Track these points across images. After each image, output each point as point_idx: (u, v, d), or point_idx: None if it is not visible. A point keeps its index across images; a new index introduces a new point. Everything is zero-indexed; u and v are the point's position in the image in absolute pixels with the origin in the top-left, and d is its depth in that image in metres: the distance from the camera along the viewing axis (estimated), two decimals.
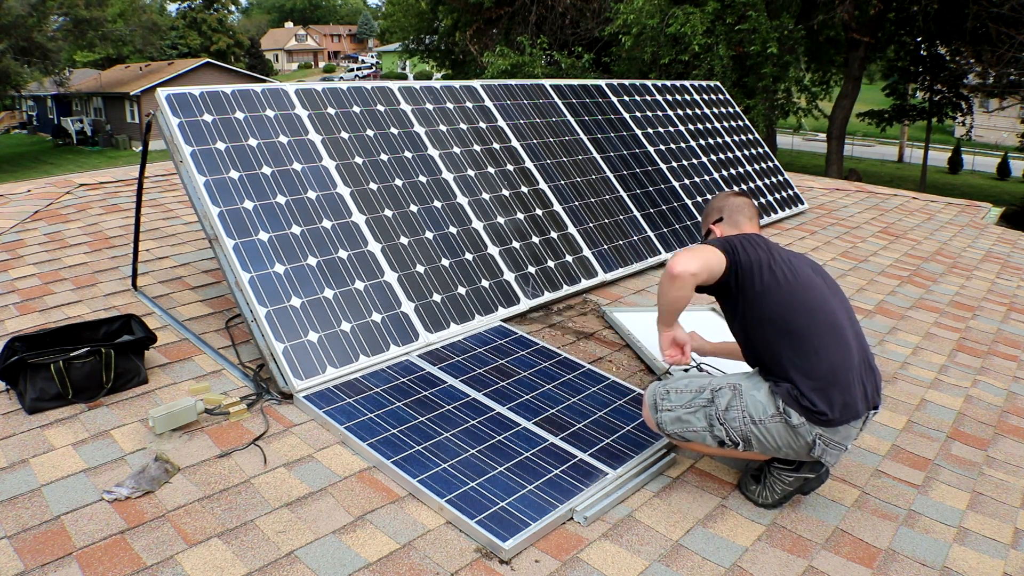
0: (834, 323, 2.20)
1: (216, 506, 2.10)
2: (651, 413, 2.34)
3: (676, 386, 2.33)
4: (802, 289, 2.22)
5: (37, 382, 2.49)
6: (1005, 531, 2.30)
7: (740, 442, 2.20)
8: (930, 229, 6.26)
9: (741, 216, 2.54)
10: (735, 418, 2.19)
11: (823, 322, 2.18)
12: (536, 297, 3.62)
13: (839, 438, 2.17)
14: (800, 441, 2.16)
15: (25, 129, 45.60)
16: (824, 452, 2.18)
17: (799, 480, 2.26)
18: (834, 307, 2.24)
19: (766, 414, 2.17)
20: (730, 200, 2.59)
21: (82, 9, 34.61)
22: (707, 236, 2.59)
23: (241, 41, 61.90)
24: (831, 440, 2.16)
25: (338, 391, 2.68)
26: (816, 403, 2.11)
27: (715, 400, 2.23)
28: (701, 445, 2.30)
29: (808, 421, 2.13)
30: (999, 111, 19.07)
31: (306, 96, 3.57)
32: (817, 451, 2.17)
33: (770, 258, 2.26)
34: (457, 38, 21.51)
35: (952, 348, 3.73)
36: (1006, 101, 17.48)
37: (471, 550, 2.02)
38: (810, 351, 2.15)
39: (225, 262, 2.86)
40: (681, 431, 2.28)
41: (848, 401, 2.14)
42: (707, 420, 2.23)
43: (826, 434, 2.15)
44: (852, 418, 2.15)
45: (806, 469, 2.26)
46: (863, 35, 16.50)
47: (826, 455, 2.19)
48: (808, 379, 2.13)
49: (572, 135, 4.68)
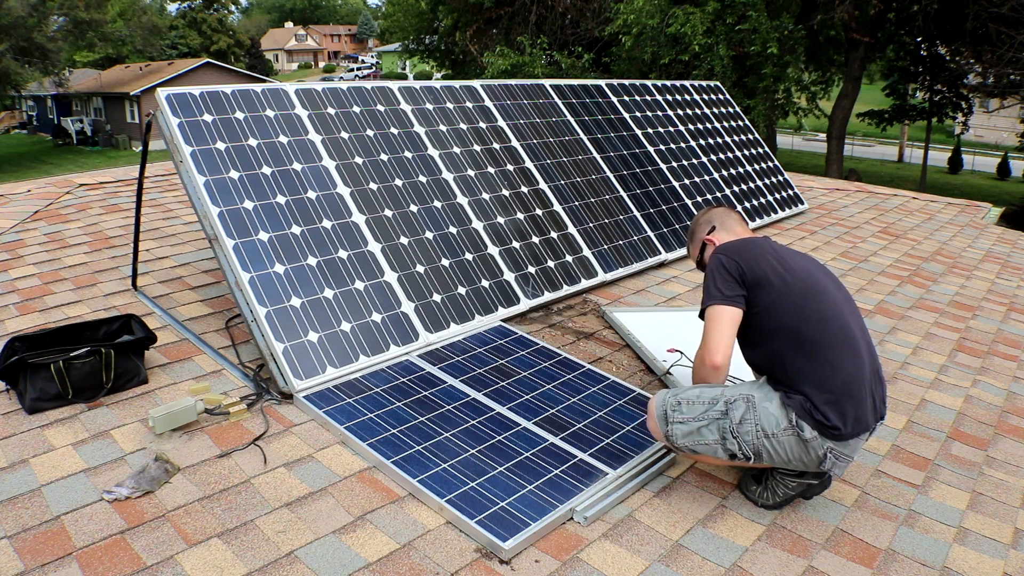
0: (848, 335, 2.15)
1: (216, 506, 2.10)
2: (660, 425, 2.24)
3: (687, 396, 2.23)
4: (813, 296, 2.17)
5: (37, 382, 2.49)
6: (1005, 531, 2.30)
7: (752, 456, 2.15)
8: (930, 229, 6.26)
9: (731, 221, 2.50)
10: (748, 431, 2.13)
11: (837, 334, 2.13)
12: (536, 297, 3.62)
13: (848, 451, 2.14)
14: (811, 455, 2.13)
15: (25, 129, 45.61)
16: (834, 465, 2.15)
17: (802, 485, 2.25)
18: (847, 317, 2.19)
19: (779, 427, 2.12)
20: (715, 211, 2.55)
21: (82, 11, 34.62)
22: (703, 249, 2.53)
23: (241, 41, 61.92)
24: (841, 453, 2.13)
25: (338, 391, 2.68)
26: (830, 417, 2.07)
27: (729, 413, 2.16)
28: (710, 458, 2.23)
29: (820, 435, 2.09)
30: (999, 111, 19.07)
31: (306, 96, 3.57)
32: (827, 464, 2.14)
33: (779, 264, 2.22)
34: (457, 38, 21.50)
35: (952, 348, 3.73)
36: (1006, 101, 17.48)
37: (471, 550, 2.02)
38: (824, 363, 2.10)
39: (225, 262, 2.86)
40: (693, 444, 2.20)
41: (860, 415, 2.10)
42: (720, 433, 2.16)
43: (837, 447, 2.12)
44: (862, 431, 2.13)
45: (810, 475, 2.24)
46: (863, 35, 16.51)
47: (835, 468, 2.16)
48: (822, 392, 2.09)
49: (572, 135, 4.68)
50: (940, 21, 17.39)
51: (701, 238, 2.54)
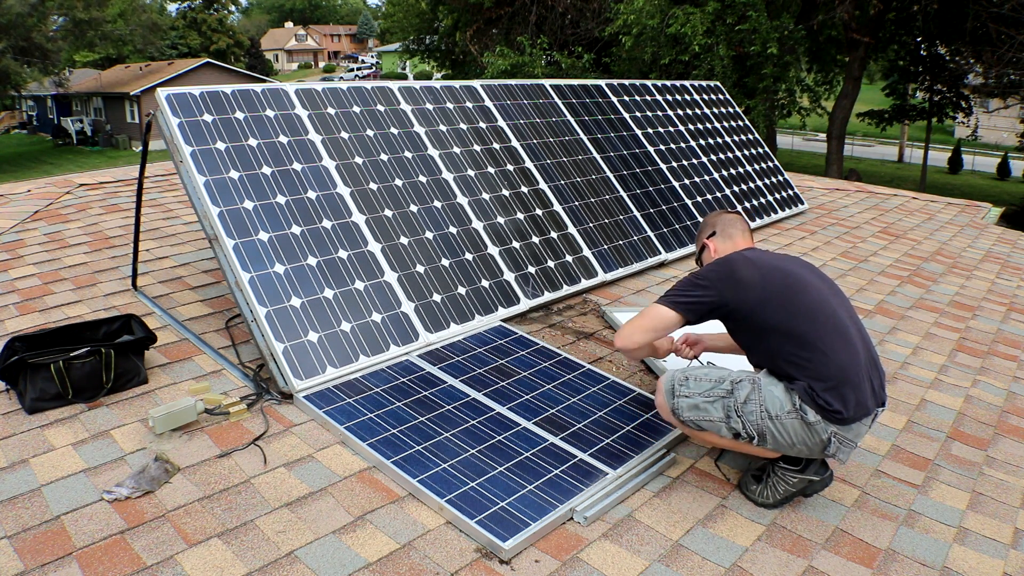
0: (837, 324, 2.22)
1: (216, 506, 2.10)
2: (666, 399, 2.34)
3: (696, 374, 2.33)
4: (799, 293, 2.25)
5: (37, 382, 2.49)
6: (1005, 531, 2.30)
7: (755, 436, 2.21)
8: (930, 229, 6.26)
9: (734, 230, 2.59)
10: (752, 412, 2.20)
11: (826, 324, 2.20)
12: (536, 297, 3.62)
13: (852, 435, 2.19)
14: (815, 438, 2.17)
15: (25, 129, 45.60)
16: (838, 450, 2.19)
17: (803, 482, 2.27)
18: (835, 307, 2.25)
19: (783, 410, 2.17)
20: (722, 216, 2.65)
21: (81, 11, 34.61)
22: (702, 251, 2.66)
23: (241, 41, 61.90)
24: (844, 438, 2.18)
25: (338, 391, 2.68)
26: (831, 402, 2.13)
27: (734, 392, 2.23)
28: (714, 436, 2.30)
29: (824, 419, 2.14)
30: (999, 111, 19.06)
31: (306, 96, 3.57)
32: (832, 449, 2.18)
33: (760, 269, 2.30)
34: (457, 38, 21.50)
35: (952, 348, 3.73)
36: (1006, 101, 17.47)
37: (471, 550, 2.02)
38: (818, 353, 2.16)
39: (225, 262, 2.86)
40: (697, 419, 2.28)
41: (860, 399, 2.16)
42: (724, 411, 2.23)
43: (841, 431, 2.16)
44: (864, 415, 2.17)
45: (811, 471, 2.26)
46: (863, 35, 16.50)
47: (839, 453, 2.20)
48: (820, 381, 2.15)
49: (572, 135, 4.68)
50: (940, 21, 17.38)
51: (702, 240, 2.68)
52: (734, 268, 2.33)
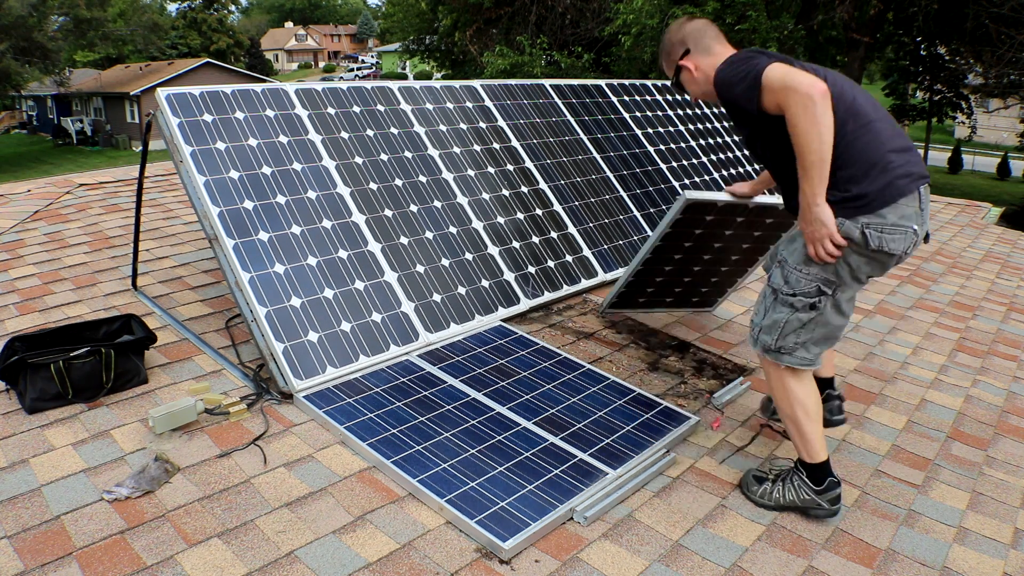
0: (856, 110, 2.10)
1: (216, 506, 2.10)
2: (752, 345, 2.36)
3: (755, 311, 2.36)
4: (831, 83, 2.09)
5: (37, 382, 2.49)
6: (1005, 531, 2.30)
7: (819, 296, 2.17)
8: (930, 229, 6.25)
9: (708, 39, 2.27)
10: (798, 280, 2.20)
11: (845, 111, 2.08)
12: (536, 297, 3.62)
13: (894, 218, 2.08)
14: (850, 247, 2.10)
15: (25, 129, 45.59)
16: (881, 240, 2.09)
17: (814, 502, 2.22)
18: (855, 95, 2.13)
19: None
20: (687, 26, 2.29)
21: (83, 9, 34.61)
22: (678, 75, 2.33)
23: (241, 41, 61.92)
24: (883, 225, 2.09)
25: (338, 391, 2.68)
26: (851, 189, 2.07)
27: (776, 287, 2.26)
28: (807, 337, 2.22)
29: (847, 218, 2.08)
30: (999, 111, 19.05)
31: (306, 96, 3.57)
32: (873, 242, 2.09)
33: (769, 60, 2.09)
34: (457, 38, 21.48)
35: (952, 348, 3.73)
36: (1006, 101, 17.46)
37: (471, 550, 2.02)
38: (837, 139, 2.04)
39: (225, 262, 2.86)
40: (781, 334, 2.24)
41: (891, 180, 2.07)
42: (784, 304, 2.23)
43: (874, 220, 2.08)
44: (898, 196, 2.08)
45: (826, 497, 2.21)
46: (863, 35, 16.49)
47: (884, 243, 2.09)
48: (841, 169, 2.06)
49: (572, 135, 4.68)
50: (940, 21, 17.38)
51: (675, 61, 2.33)
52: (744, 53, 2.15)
